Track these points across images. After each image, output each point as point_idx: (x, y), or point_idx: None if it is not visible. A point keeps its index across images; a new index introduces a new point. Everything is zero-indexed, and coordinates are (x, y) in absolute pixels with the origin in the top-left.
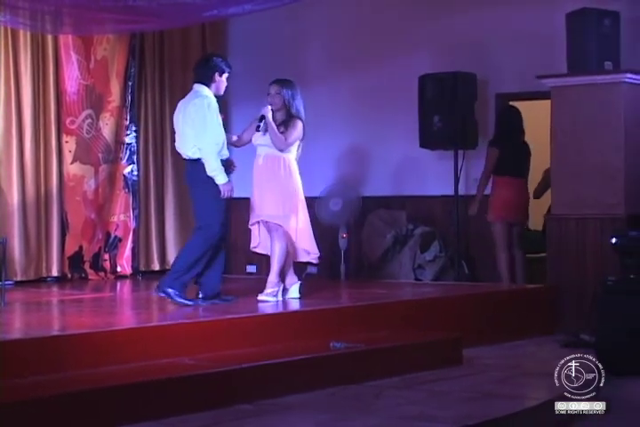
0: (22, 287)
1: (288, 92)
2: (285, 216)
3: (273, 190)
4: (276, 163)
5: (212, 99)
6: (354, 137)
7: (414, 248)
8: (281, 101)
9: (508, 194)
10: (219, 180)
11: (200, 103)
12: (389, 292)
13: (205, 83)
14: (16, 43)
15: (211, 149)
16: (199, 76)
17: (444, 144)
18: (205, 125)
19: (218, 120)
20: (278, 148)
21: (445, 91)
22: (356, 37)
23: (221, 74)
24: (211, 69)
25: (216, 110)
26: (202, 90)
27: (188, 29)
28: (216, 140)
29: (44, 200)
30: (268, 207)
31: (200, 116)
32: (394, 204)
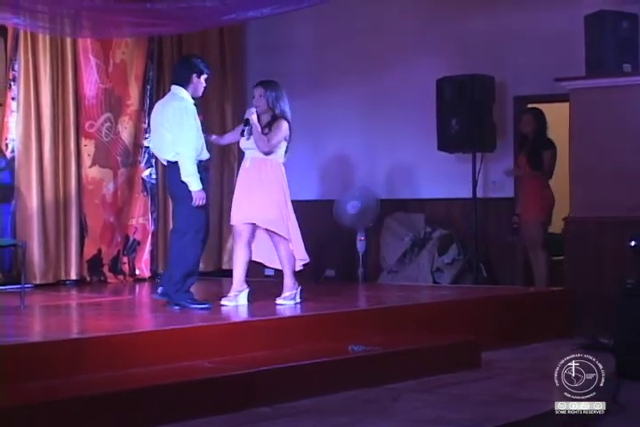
0: (42, 290)
1: (272, 94)
2: (281, 220)
3: (264, 194)
4: (263, 166)
5: (190, 101)
6: (372, 140)
7: (432, 251)
8: (265, 103)
9: (550, 195)
10: (192, 186)
11: (177, 107)
12: (407, 295)
13: (182, 84)
14: (35, 46)
15: (188, 154)
16: (176, 77)
17: (462, 147)
18: (182, 130)
19: (196, 124)
20: (262, 150)
21: (463, 93)
22: (373, 40)
23: (199, 75)
24: (188, 70)
25: (193, 113)
26: (179, 92)
27: (207, 33)
28: (194, 145)
29: (63, 204)
30: (264, 212)
31: (177, 121)
32: (412, 207)
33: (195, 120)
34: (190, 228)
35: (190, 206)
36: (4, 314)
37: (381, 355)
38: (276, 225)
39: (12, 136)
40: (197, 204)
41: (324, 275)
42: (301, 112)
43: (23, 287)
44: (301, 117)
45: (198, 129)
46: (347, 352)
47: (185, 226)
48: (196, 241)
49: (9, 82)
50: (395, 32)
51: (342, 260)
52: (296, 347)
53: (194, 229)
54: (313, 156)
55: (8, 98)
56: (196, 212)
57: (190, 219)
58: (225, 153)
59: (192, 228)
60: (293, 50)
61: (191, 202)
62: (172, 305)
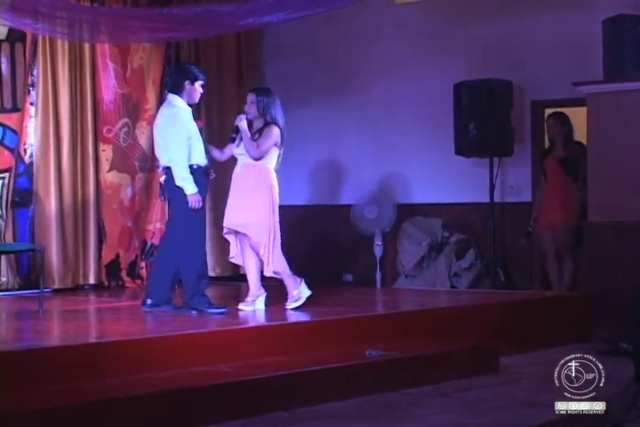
0: (60, 295)
1: (263, 100)
2: (259, 225)
3: (244, 199)
4: (251, 172)
5: (182, 108)
6: (389, 144)
7: (450, 256)
8: (256, 110)
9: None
10: (187, 190)
11: (167, 113)
12: (425, 299)
13: (176, 92)
14: (54, 52)
15: (177, 160)
16: (170, 85)
17: (480, 151)
18: (170, 136)
19: (186, 130)
20: (251, 155)
21: (481, 98)
22: (392, 45)
23: (193, 82)
24: (181, 78)
25: (183, 119)
26: (173, 99)
27: (223, 38)
28: (183, 151)
29: (82, 208)
30: (238, 216)
31: (166, 127)
32: (429, 211)
33: (184, 126)
34: (191, 231)
35: (187, 210)
36: (23, 319)
37: (399, 360)
38: (251, 229)
39: (31, 141)
40: (193, 206)
41: (341, 279)
42: (318, 115)
43: (42, 292)
44: (318, 121)
45: (193, 134)
46: (364, 357)
47: (186, 230)
48: (201, 244)
49: (27, 87)
50: (412, 36)
51: (360, 264)
52: (313, 352)
53: (195, 232)
54: (329, 160)
55: (27, 103)
56: (194, 216)
57: (189, 223)
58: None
59: (193, 231)
60: (310, 53)
61: (187, 206)
62: (189, 310)
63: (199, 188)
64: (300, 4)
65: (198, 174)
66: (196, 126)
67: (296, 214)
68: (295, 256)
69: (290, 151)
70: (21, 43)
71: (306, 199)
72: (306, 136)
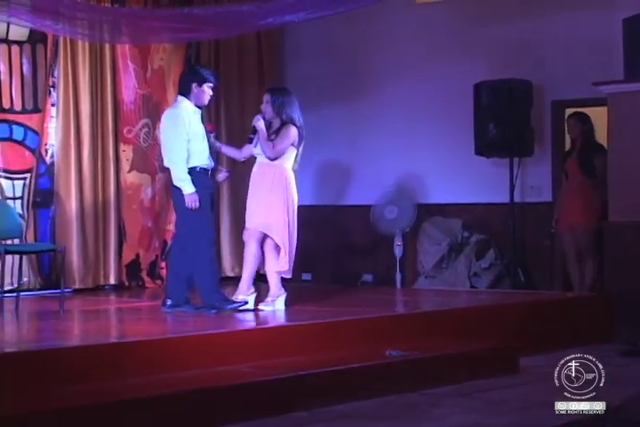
0: (81, 295)
1: (278, 99)
2: (273, 225)
3: (261, 199)
4: (267, 171)
5: (186, 109)
6: (409, 144)
7: (470, 256)
8: (272, 110)
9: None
10: (184, 190)
11: (169, 114)
12: (445, 300)
13: (184, 93)
14: (75, 53)
15: (175, 160)
16: (179, 87)
17: (500, 151)
18: (170, 137)
19: (189, 131)
20: (267, 155)
21: (501, 98)
22: (412, 45)
23: (201, 84)
24: (188, 80)
25: (183, 121)
26: (180, 101)
27: (244, 38)
28: (182, 152)
29: (102, 209)
30: (258, 216)
31: (167, 128)
32: (449, 211)
33: (185, 127)
34: (196, 231)
35: (187, 211)
36: (44, 319)
37: (419, 360)
38: (272, 229)
39: (52, 142)
40: (190, 206)
41: (361, 280)
42: (338, 115)
43: (62, 292)
44: (338, 120)
45: (195, 136)
46: (384, 357)
47: (190, 230)
48: (206, 242)
49: (49, 88)
50: (432, 36)
51: (379, 265)
52: (333, 352)
53: (199, 231)
54: (350, 160)
55: (48, 104)
56: (196, 216)
57: (192, 223)
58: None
59: (197, 231)
60: (330, 53)
61: (185, 206)
62: (209, 309)
63: (199, 188)
64: (321, 4)
65: (199, 175)
66: (201, 128)
67: (316, 214)
68: (315, 256)
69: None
70: (42, 44)
71: (326, 199)
72: (325, 136)
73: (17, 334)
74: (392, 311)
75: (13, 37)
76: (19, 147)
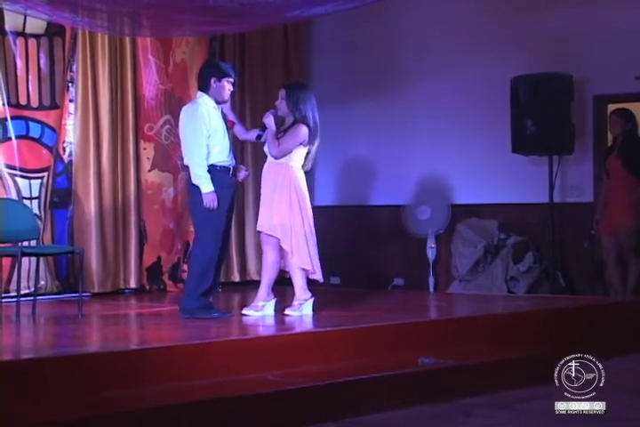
0: (100, 299)
1: (294, 96)
2: (276, 226)
3: (267, 199)
4: (275, 170)
5: (205, 105)
6: (443, 142)
7: (507, 259)
8: (286, 106)
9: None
10: (202, 188)
11: (187, 110)
12: (480, 305)
13: (203, 89)
14: (94, 46)
15: (194, 158)
16: (198, 82)
17: (538, 149)
18: (189, 134)
19: (208, 127)
20: (271, 154)
21: (539, 93)
22: (444, 38)
23: (220, 79)
24: (207, 75)
25: (202, 117)
26: (199, 97)
27: (270, 31)
28: (201, 149)
29: (122, 209)
30: (264, 218)
31: (185, 125)
32: (485, 212)
33: (204, 124)
34: (207, 233)
35: (203, 211)
36: (61, 324)
37: (453, 368)
38: (271, 229)
39: (70, 139)
40: (208, 206)
41: (392, 284)
42: (369, 112)
43: (81, 296)
44: (367, 117)
45: (216, 133)
46: (416, 365)
47: (201, 231)
48: (213, 245)
49: (67, 83)
50: (466, 29)
51: (411, 268)
52: (363, 359)
53: (211, 234)
54: (380, 158)
55: (66, 100)
56: (211, 216)
57: (205, 224)
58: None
59: (209, 234)
60: (359, 49)
61: (202, 205)
62: (182, 313)
63: (218, 188)
64: None
65: (219, 174)
66: (221, 124)
67: (343, 215)
68: (343, 259)
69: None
70: (60, 37)
71: (353, 199)
72: (353, 133)
73: (33, 339)
74: (425, 317)
75: (30, 30)
76: (36, 145)
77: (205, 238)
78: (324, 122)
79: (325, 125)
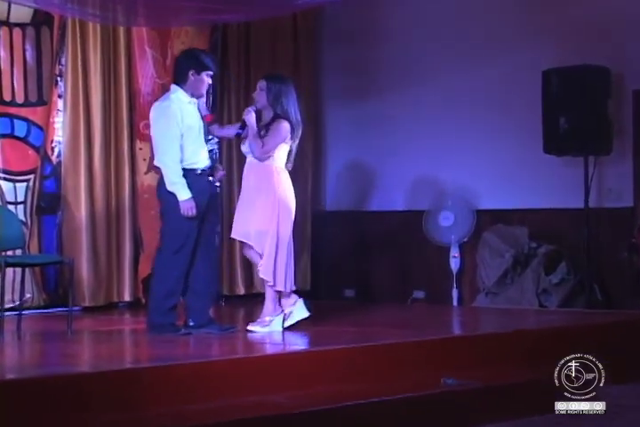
0: (91, 314)
1: (275, 88)
2: (253, 234)
3: (247, 203)
4: (258, 172)
5: (178, 101)
6: (467, 141)
7: (538, 270)
8: (265, 98)
9: None
10: (179, 195)
11: (158, 108)
12: (509, 320)
13: (178, 82)
14: (85, 37)
15: (166, 160)
16: (173, 74)
17: (573, 149)
18: (159, 133)
19: (181, 126)
20: (255, 156)
21: (573, 87)
22: (469, 27)
23: (200, 72)
24: (185, 66)
25: (175, 115)
26: (173, 91)
27: (277, 21)
28: (174, 151)
29: (116, 215)
30: (240, 224)
31: (154, 123)
32: (514, 218)
33: (176, 122)
34: (174, 242)
35: (175, 218)
36: (49, 341)
37: (478, 390)
38: (246, 236)
39: (59, 139)
40: (186, 214)
41: (411, 296)
42: (383, 108)
43: (70, 310)
44: (382, 115)
45: (190, 132)
46: (439, 386)
47: (169, 239)
48: (179, 257)
49: (55, 77)
50: (494, 18)
51: (433, 279)
52: (378, 380)
53: (178, 242)
54: (397, 158)
55: (54, 95)
56: (183, 224)
57: (177, 233)
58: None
59: (176, 242)
60: (376, 39)
61: (176, 213)
62: (150, 329)
63: (195, 193)
64: None
65: (195, 178)
66: (197, 121)
67: (357, 221)
68: (358, 269)
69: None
70: (48, 27)
71: (373, 204)
72: (365, 133)
73: (19, 358)
74: (447, 333)
75: (15, 19)
76: (21, 144)
77: (172, 249)
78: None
79: (335, 124)
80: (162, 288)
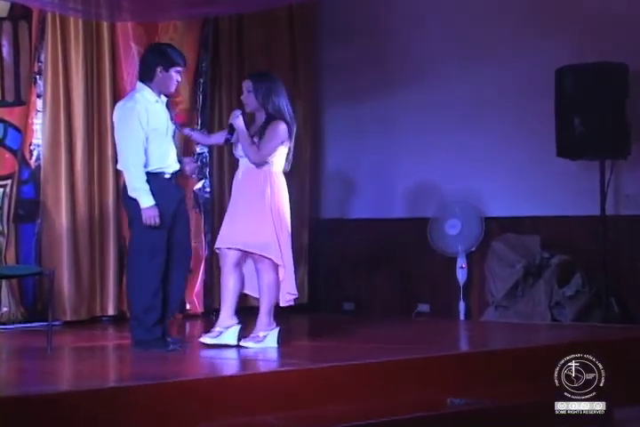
0: (72, 329)
1: (262, 87)
2: (272, 243)
3: (249, 212)
4: (255, 178)
5: (144, 101)
6: (474, 144)
7: (551, 281)
8: (254, 100)
9: None
10: (141, 202)
11: (121, 108)
12: (520, 336)
13: (144, 80)
14: (65, 32)
15: (128, 164)
16: (140, 71)
17: (588, 152)
18: (122, 135)
19: (145, 128)
20: (252, 161)
21: (589, 86)
22: (477, 22)
23: (168, 68)
24: (152, 62)
25: (142, 115)
26: (138, 90)
27: (273, 14)
28: (137, 154)
29: (99, 223)
30: (244, 233)
31: (117, 125)
32: (525, 226)
33: (140, 123)
34: (143, 252)
35: (142, 227)
36: (27, 358)
37: (487, 410)
38: (262, 248)
39: (38, 141)
40: (149, 223)
41: (415, 310)
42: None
43: (50, 325)
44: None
45: (156, 134)
46: (445, 406)
47: (138, 250)
48: (152, 268)
49: (34, 76)
50: (503, 10)
51: (438, 292)
52: (381, 399)
53: (148, 253)
54: (400, 162)
55: (32, 95)
56: (151, 233)
57: (143, 241)
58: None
59: (145, 252)
60: (378, 35)
61: (142, 222)
62: (135, 347)
63: (160, 200)
64: None
65: (162, 183)
66: (164, 122)
67: (362, 229)
68: (357, 281)
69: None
70: (26, 21)
71: (373, 211)
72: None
73: None
74: (454, 350)
75: None
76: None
77: (143, 261)
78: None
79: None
80: (139, 303)
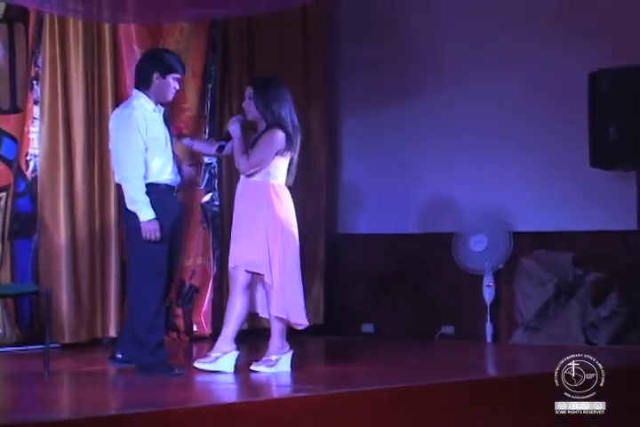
0: (71, 352)
1: (263, 94)
2: (256, 260)
3: (249, 228)
4: (253, 190)
5: (142, 108)
6: (501, 153)
7: (584, 301)
8: (254, 108)
9: None
10: (140, 216)
11: (118, 116)
12: (551, 359)
13: (141, 87)
14: (64, 36)
15: (127, 176)
16: (136, 78)
17: (623, 162)
18: (120, 146)
19: (145, 138)
20: (241, 171)
21: (625, 92)
22: (503, 23)
23: (165, 74)
24: (149, 69)
25: (141, 124)
26: (135, 97)
27: (285, 16)
28: (134, 165)
29: (100, 238)
30: (246, 251)
31: (114, 134)
32: (556, 242)
33: (139, 133)
34: (146, 269)
35: (143, 242)
36: (23, 383)
37: None
38: (249, 264)
39: (35, 151)
40: (148, 237)
41: (439, 332)
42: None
43: (48, 348)
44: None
45: (155, 144)
46: None
47: (140, 267)
48: (155, 287)
49: (31, 81)
50: (532, 12)
51: (464, 312)
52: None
53: (151, 270)
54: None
55: (29, 102)
56: (152, 248)
57: (145, 257)
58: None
59: (149, 269)
60: (398, 37)
61: (142, 237)
62: (138, 370)
63: (160, 213)
64: None
65: (161, 195)
66: (162, 132)
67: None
68: (379, 301)
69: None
70: (22, 23)
71: (393, 226)
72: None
73: None
74: (481, 375)
75: None
76: None
77: (145, 280)
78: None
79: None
80: (141, 324)
